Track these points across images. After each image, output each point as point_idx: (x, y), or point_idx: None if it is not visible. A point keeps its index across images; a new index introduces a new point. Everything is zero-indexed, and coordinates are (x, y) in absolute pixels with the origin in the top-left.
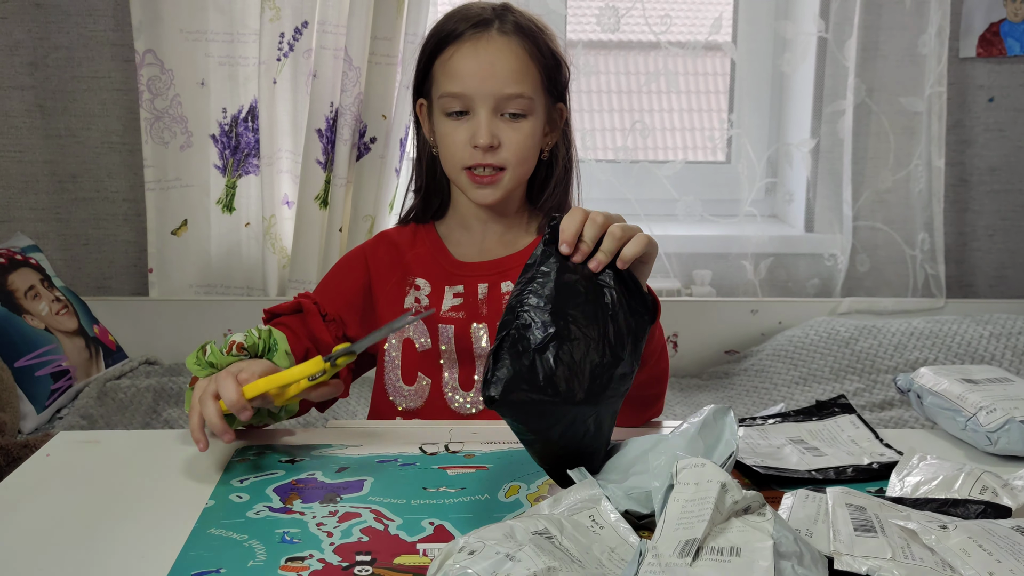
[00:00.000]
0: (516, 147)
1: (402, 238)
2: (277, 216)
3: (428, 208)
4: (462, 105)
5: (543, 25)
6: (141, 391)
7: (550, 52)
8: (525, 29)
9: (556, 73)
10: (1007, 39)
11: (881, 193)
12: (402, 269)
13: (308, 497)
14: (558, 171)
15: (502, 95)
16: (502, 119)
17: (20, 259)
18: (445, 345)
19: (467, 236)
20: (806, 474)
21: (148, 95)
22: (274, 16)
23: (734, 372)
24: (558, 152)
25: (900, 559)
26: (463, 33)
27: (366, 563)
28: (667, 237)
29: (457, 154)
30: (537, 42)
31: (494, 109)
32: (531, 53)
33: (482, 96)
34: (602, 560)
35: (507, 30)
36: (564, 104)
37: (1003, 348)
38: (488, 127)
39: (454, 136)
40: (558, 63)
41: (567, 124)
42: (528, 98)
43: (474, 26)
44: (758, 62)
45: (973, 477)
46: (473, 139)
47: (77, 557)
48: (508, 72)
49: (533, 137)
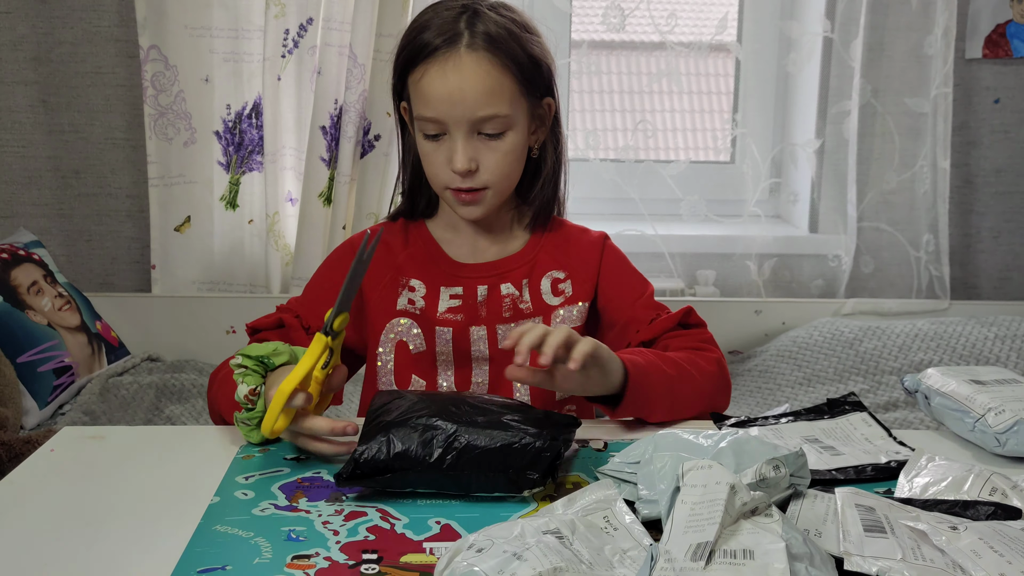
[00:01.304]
0: (496, 167)
1: (393, 237)
2: (281, 213)
3: (415, 208)
4: (437, 128)
5: (519, 25)
6: (143, 388)
7: (526, 56)
8: (496, 38)
9: (535, 75)
10: (1013, 40)
11: (886, 194)
12: (394, 269)
13: (314, 495)
14: (547, 169)
15: (475, 118)
16: (479, 139)
17: (23, 255)
18: (442, 348)
19: (458, 236)
20: (828, 474)
21: (152, 91)
22: (279, 12)
23: (738, 373)
24: (547, 149)
25: (910, 560)
26: (433, 52)
27: (373, 561)
28: (671, 237)
29: (439, 175)
30: (510, 51)
31: (469, 131)
32: (504, 66)
33: (455, 121)
34: (613, 562)
35: (476, 44)
36: (552, 97)
37: (1008, 350)
38: (464, 152)
39: (433, 157)
40: (537, 64)
41: (556, 118)
42: (504, 116)
43: (444, 42)
44: (763, 62)
45: (982, 478)
46: (450, 163)
47: (81, 553)
48: (479, 93)
49: (514, 152)
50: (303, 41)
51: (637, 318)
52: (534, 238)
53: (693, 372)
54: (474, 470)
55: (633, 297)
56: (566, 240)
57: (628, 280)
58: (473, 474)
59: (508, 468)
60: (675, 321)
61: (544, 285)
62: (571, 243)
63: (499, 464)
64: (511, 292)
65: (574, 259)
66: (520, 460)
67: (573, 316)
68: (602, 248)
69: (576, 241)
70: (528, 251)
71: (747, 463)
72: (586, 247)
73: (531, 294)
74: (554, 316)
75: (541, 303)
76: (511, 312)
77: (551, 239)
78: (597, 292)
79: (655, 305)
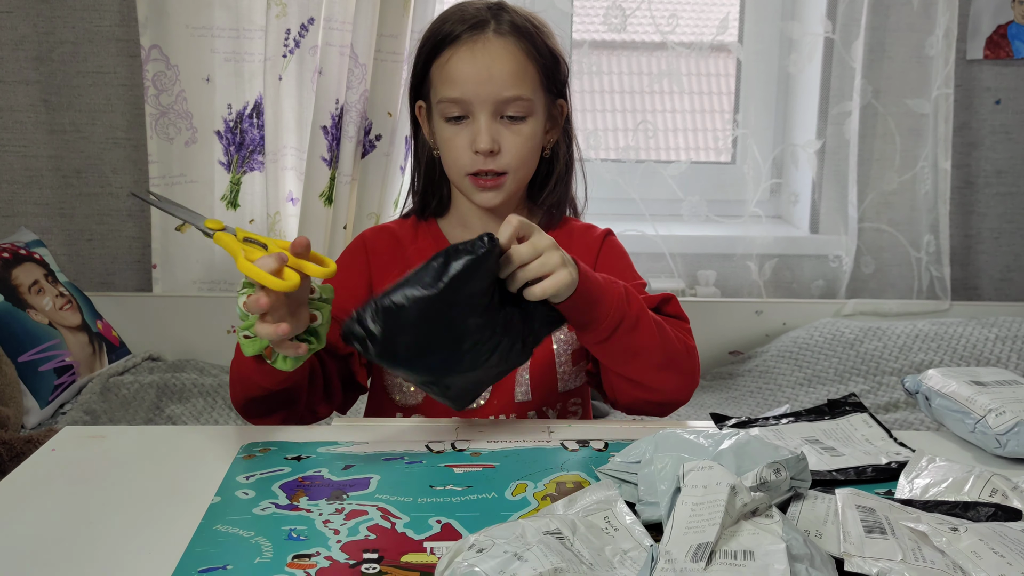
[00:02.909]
0: (517, 151)
1: (403, 232)
2: (282, 213)
3: (425, 208)
4: (461, 110)
5: (540, 22)
6: (144, 387)
7: (547, 50)
8: (521, 28)
9: (555, 70)
10: (1015, 41)
11: (887, 195)
12: (403, 263)
13: (314, 494)
14: (559, 168)
15: (501, 98)
16: (502, 122)
17: (24, 254)
18: None
19: (469, 233)
20: (828, 475)
21: (153, 91)
22: (280, 12)
23: (738, 373)
24: (559, 149)
25: (911, 561)
26: (459, 36)
27: (373, 561)
28: (672, 237)
29: (459, 159)
30: (534, 41)
31: (493, 113)
32: (528, 53)
33: (481, 100)
34: (613, 563)
35: (503, 31)
36: (565, 100)
37: (1008, 351)
38: (488, 132)
39: (455, 141)
40: (556, 60)
41: (568, 120)
42: (527, 100)
43: (470, 28)
44: (764, 63)
45: (983, 480)
46: (474, 144)
47: (82, 552)
48: (506, 75)
49: (534, 139)
50: (304, 41)
51: None
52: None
53: (667, 332)
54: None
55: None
56: (569, 236)
57: (621, 272)
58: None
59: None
60: (653, 302)
61: None
62: (574, 239)
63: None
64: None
65: (575, 254)
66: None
67: None
68: (602, 242)
69: (579, 238)
70: None
71: (748, 464)
72: (588, 243)
73: None
74: None
75: None
76: None
77: (555, 236)
78: None
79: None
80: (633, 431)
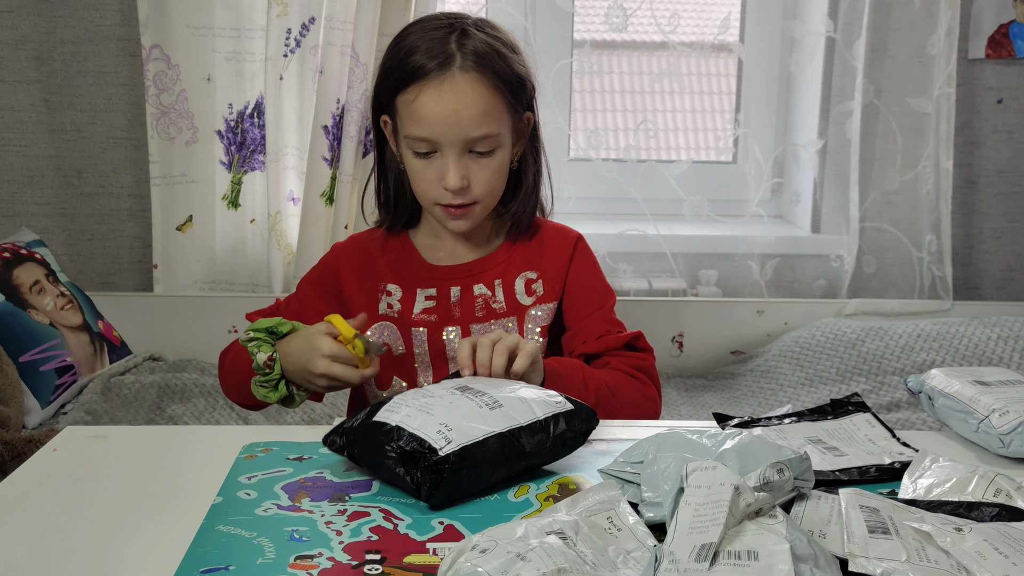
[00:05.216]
0: (487, 183)
1: (373, 243)
2: (283, 213)
3: (395, 224)
4: (429, 147)
5: (504, 43)
6: (145, 387)
7: (513, 74)
8: (486, 58)
9: (520, 91)
10: (1016, 40)
11: (888, 194)
12: (373, 276)
13: (316, 496)
14: (527, 182)
15: (469, 138)
16: (470, 156)
17: (25, 254)
18: (418, 348)
19: (439, 242)
20: (831, 475)
21: (154, 90)
22: (281, 12)
23: (740, 373)
24: (526, 161)
25: (915, 561)
26: (427, 73)
27: (376, 562)
28: (673, 237)
29: (429, 191)
30: (498, 70)
31: (462, 150)
32: (495, 87)
33: (449, 141)
34: (617, 563)
35: (468, 65)
36: (532, 111)
37: (1010, 350)
38: (457, 170)
39: (424, 174)
40: (522, 81)
41: (535, 131)
42: (496, 135)
43: (438, 64)
44: (766, 62)
45: (987, 480)
46: (443, 181)
47: (84, 553)
48: (474, 115)
49: (503, 167)
50: (305, 40)
51: (588, 330)
52: (509, 240)
53: (614, 396)
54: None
55: (592, 308)
56: (541, 241)
57: (592, 287)
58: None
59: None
60: (622, 342)
61: (518, 285)
62: (545, 243)
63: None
64: (483, 292)
65: (547, 259)
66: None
67: (543, 315)
68: (574, 249)
69: (551, 240)
70: (502, 252)
71: (751, 464)
72: (559, 247)
73: (505, 294)
74: (527, 316)
75: (515, 303)
76: (484, 312)
77: (527, 245)
78: (564, 292)
79: (610, 320)
80: (635, 431)
